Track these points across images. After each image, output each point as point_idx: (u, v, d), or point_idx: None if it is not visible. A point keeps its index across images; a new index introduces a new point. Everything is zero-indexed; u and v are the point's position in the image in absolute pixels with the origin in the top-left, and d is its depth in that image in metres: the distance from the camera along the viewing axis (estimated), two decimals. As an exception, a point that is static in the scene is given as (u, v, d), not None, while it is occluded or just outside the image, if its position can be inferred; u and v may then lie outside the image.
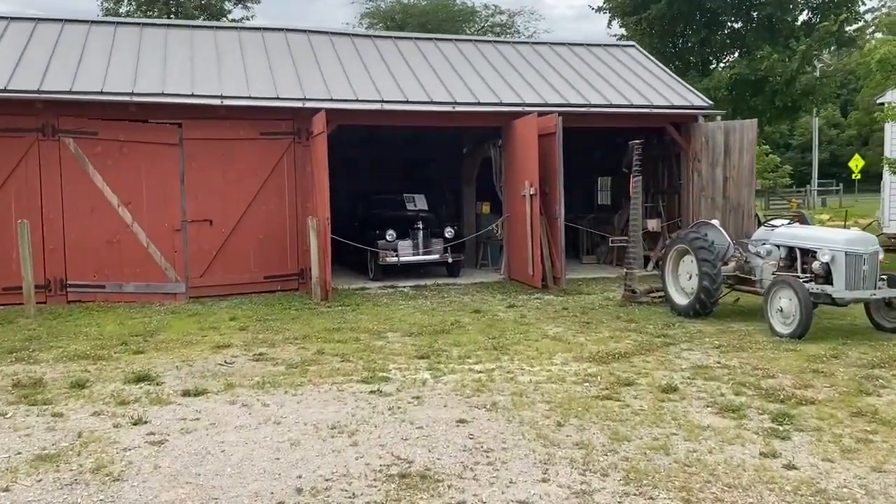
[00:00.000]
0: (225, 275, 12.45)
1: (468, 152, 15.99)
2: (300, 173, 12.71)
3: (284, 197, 12.75)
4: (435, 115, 13.16)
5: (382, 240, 13.92)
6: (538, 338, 8.77)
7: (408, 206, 15.58)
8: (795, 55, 22.62)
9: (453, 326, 9.48)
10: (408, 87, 13.54)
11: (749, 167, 13.38)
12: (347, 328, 9.45)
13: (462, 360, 7.67)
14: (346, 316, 10.36)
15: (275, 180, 12.67)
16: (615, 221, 16.85)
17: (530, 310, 10.76)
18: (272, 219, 12.68)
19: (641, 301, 11.07)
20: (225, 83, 12.72)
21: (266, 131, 12.58)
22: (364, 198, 16.05)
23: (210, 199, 12.34)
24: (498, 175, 14.24)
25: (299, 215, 12.66)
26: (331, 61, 14.19)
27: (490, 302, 11.48)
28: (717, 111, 14.92)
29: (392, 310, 10.82)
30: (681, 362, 7.53)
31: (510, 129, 13.37)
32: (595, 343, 8.46)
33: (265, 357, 7.98)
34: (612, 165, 18.23)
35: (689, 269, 10.18)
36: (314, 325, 9.73)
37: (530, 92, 14.06)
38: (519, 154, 13.01)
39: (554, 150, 12.27)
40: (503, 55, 15.66)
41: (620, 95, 14.44)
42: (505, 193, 13.94)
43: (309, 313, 10.61)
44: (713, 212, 14.13)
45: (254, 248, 12.61)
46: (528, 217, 12.51)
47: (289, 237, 12.77)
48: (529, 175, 12.43)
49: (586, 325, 9.57)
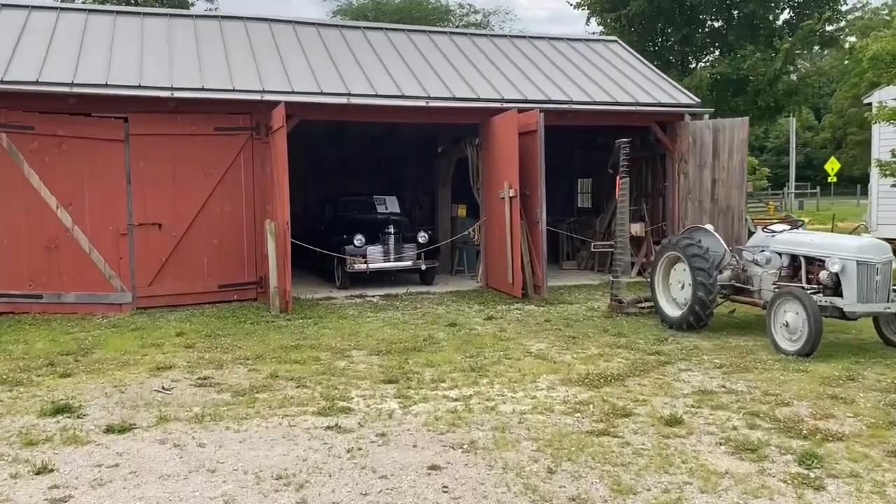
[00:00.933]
0: (176, 283, 11.39)
1: (443, 152, 15.08)
2: (259, 172, 11.69)
3: (242, 198, 11.72)
4: (407, 111, 12.22)
5: (350, 245, 12.95)
6: (520, 356, 7.87)
7: (378, 209, 14.62)
8: (779, 54, 22.09)
9: (426, 343, 8.54)
10: (378, 81, 12.59)
11: (740, 168, 12.63)
12: (307, 346, 8.46)
13: (435, 385, 6.74)
14: (306, 330, 9.37)
15: (231, 180, 11.63)
16: (596, 225, 16.05)
17: (510, 322, 9.86)
18: (228, 222, 11.64)
19: (629, 312, 10.24)
20: (176, 74, 11.66)
21: (221, 126, 11.54)
22: (331, 200, 15.06)
23: (159, 201, 11.27)
24: (475, 176, 13.34)
25: (258, 218, 11.64)
26: (294, 52, 13.19)
27: (466, 313, 10.57)
28: (705, 110, 14.18)
29: (359, 323, 9.85)
30: (681, 386, 6.67)
31: (488, 127, 12.48)
32: (583, 362, 7.58)
33: (210, 382, 6.97)
34: (592, 167, 17.51)
35: (681, 278, 9.36)
36: (270, 341, 8.73)
37: (509, 87, 13.19)
38: (498, 153, 12.12)
39: (535, 149, 11.40)
40: (480, 49, 14.77)
41: (604, 92, 13.63)
42: (482, 195, 13.05)
43: (265, 327, 9.60)
44: (701, 216, 13.37)
45: (208, 254, 11.56)
46: (508, 221, 11.62)
47: (246, 242, 11.74)
48: (509, 176, 11.54)
49: (572, 340, 8.69)
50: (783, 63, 21.95)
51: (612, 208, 15.98)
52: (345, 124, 15.87)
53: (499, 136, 12.05)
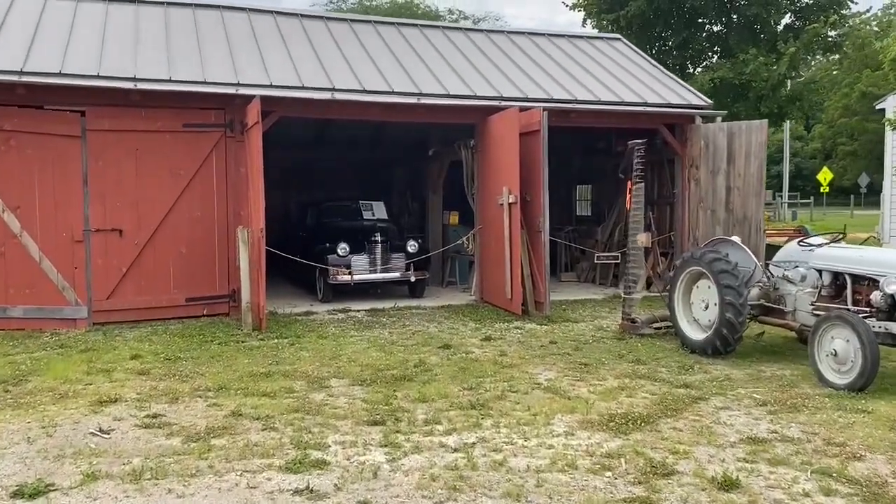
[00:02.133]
0: (138, 297, 10.21)
1: (434, 154, 14.00)
2: (233, 174, 10.54)
3: (213, 202, 10.56)
4: (396, 108, 11.13)
5: (333, 254, 11.82)
6: (527, 388, 6.77)
7: (364, 216, 13.50)
8: (783, 58, 21.22)
9: (417, 370, 7.43)
10: (365, 75, 11.50)
11: (758, 175, 11.63)
12: (280, 373, 7.32)
13: (430, 428, 5.62)
14: (281, 353, 8.23)
15: (201, 182, 10.48)
16: (598, 235, 15.02)
17: (511, 344, 8.77)
18: (198, 229, 10.48)
19: (644, 333, 9.18)
20: (141, 64, 10.51)
21: (191, 123, 10.39)
22: (313, 205, 13.92)
23: (120, 205, 10.10)
24: (469, 180, 12.26)
25: (231, 225, 10.48)
26: (274, 44, 12.07)
27: (461, 333, 9.46)
28: (717, 112, 13.20)
29: (341, 344, 8.72)
30: (724, 431, 5.59)
31: (485, 127, 11.41)
32: (602, 397, 6.49)
33: (160, 421, 5.82)
34: (592, 172, 16.50)
35: (704, 297, 8.31)
36: (238, 366, 7.58)
37: (508, 85, 12.14)
38: (496, 156, 11.05)
39: (538, 150, 10.34)
40: (476, 44, 13.73)
41: (609, 91, 12.61)
42: (478, 202, 11.97)
43: (234, 349, 8.44)
44: (714, 226, 12.36)
45: (174, 263, 10.39)
46: (507, 230, 10.54)
47: (218, 251, 10.58)
48: (508, 180, 10.47)
49: (584, 367, 7.60)
50: (788, 68, 21.06)
51: (615, 216, 14.97)
52: (329, 124, 14.80)
53: (497, 137, 10.99)
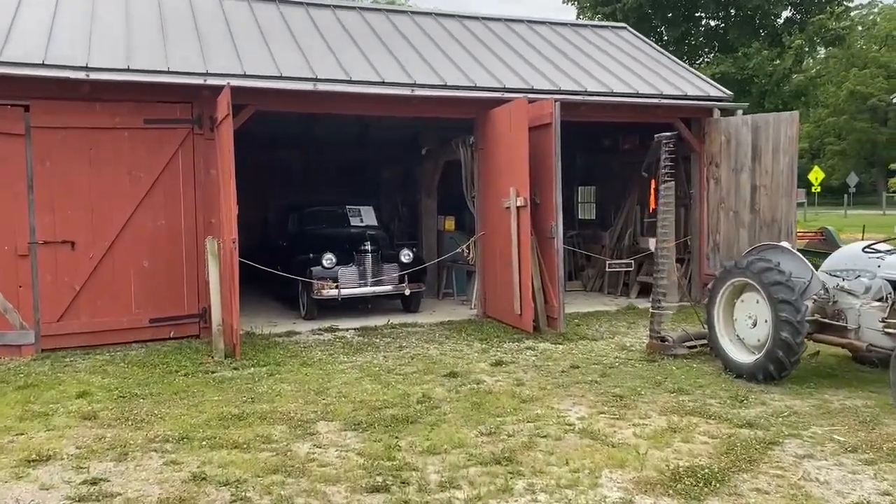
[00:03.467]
0: (94, 318, 8.89)
1: (428, 154, 12.78)
2: (203, 177, 9.27)
3: (180, 209, 9.27)
4: (387, 101, 9.90)
5: (318, 266, 10.55)
6: (558, 431, 5.56)
7: (352, 222, 12.23)
8: (789, 51, 20.25)
9: (422, 407, 6.20)
10: (351, 65, 10.27)
11: (788, 172, 10.52)
12: (256, 414, 6.06)
13: (447, 495, 4.39)
14: (258, 386, 6.96)
15: (166, 186, 9.19)
16: (605, 240, 13.87)
17: (527, 370, 7.55)
18: (163, 240, 9.19)
19: (676, 353, 8.01)
20: (95, 50, 9.21)
21: (153, 118, 9.10)
22: (295, 211, 12.64)
23: (72, 213, 8.80)
24: (469, 182, 11.05)
25: (201, 234, 9.20)
26: (249, 31, 10.80)
27: (467, 356, 8.23)
28: (738, 104, 12.10)
29: (328, 373, 7.46)
30: (822, 493, 4.41)
31: (487, 121, 10.21)
32: (653, 442, 5.29)
33: (100, 490, 4.55)
34: (596, 172, 15.35)
35: (752, 312, 7.15)
36: (205, 406, 6.31)
37: (510, 75, 10.96)
38: (500, 153, 9.85)
39: (550, 146, 9.15)
40: (472, 32, 12.53)
41: (621, 82, 11.46)
42: (479, 205, 10.76)
43: (203, 381, 7.16)
44: (737, 229, 11.25)
45: (136, 280, 9.08)
46: (515, 236, 9.33)
47: (186, 265, 9.29)
48: (516, 180, 9.27)
49: (619, 400, 6.41)
50: (794, 61, 20.10)
51: (623, 220, 13.85)
52: (312, 120, 13.56)
53: (502, 133, 9.79)
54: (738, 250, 11.23)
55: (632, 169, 14.09)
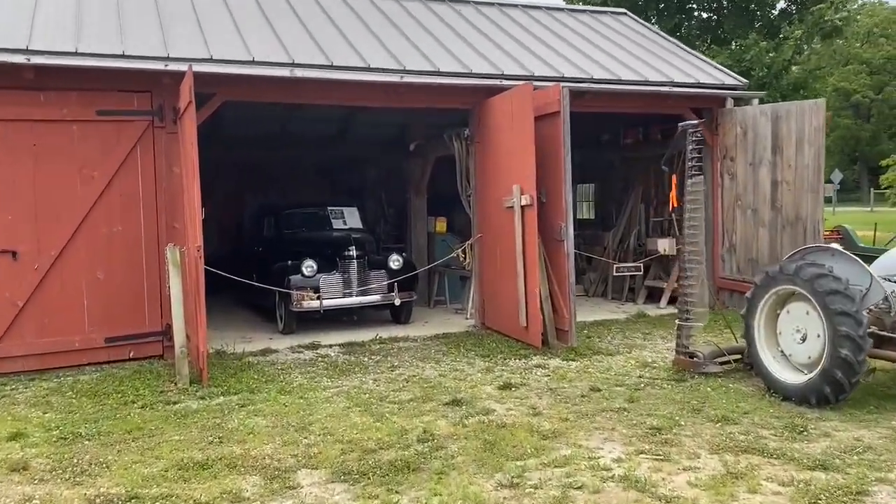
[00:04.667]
0: (40, 339, 7.76)
1: (418, 149, 11.73)
2: (166, 176, 8.16)
3: (139, 213, 8.16)
4: (374, 90, 8.85)
5: (297, 274, 9.48)
6: (595, 480, 4.54)
7: (334, 225, 11.14)
8: (787, 42, 19.46)
9: (424, 448, 5.16)
10: (333, 49, 9.21)
11: (814, 166, 9.59)
12: (224, 460, 4.98)
13: (469, 583, 3.37)
14: (227, 421, 5.88)
15: (123, 187, 8.07)
16: (607, 241, 12.91)
17: (541, 394, 6.54)
18: (119, 248, 8.07)
19: (708, 371, 7.04)
20: (39, 32, 8.07)
21: (108, 110, 7.97)
22: (271, 213, 11.54)
23: (13, 218, 7.67)
24: (464, 179, 10.02)
25: (164, 241, 8.09)
26: (216, 11, 9.69)
27: (469, 377, 7.21)
28: (755, 93, 11.22)
29: (310, 402, 6.39)
30: (949, 568, 3.44)
31: (484, 112, 9.21)
32: (714, 494, 4.29)
33: (11, 582, 3.47)
34: (595, 169, 14.39)
35: (799, 325, 6.21)
36: (163, 450, 5.22)
37: (509, 61, 9.95)
38: (500, 146, 8.83)
39: (557, 137, 8.17)
40: (464, 17, 11.50)
41: (628, 69, 10.50)
42: (475, 204, 9.74)
43: (163, 416, 6.06)
44: (756, 228, 10.33)
45: (89, 294, 7.96)
46: (519, 239, 8.32)
47: (147, 276, 8.18)
48: (520, 176, 8.27)
49: (657, 434, 5.41)
50: (793, 53, 19.31)
51: (626, 220, 12.90)
52: (290, 114, 12.50)
53: (502, 123, 8.78)
54: (758, 251, 10.33)
55: (634, 164, 13.19)
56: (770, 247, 10.16)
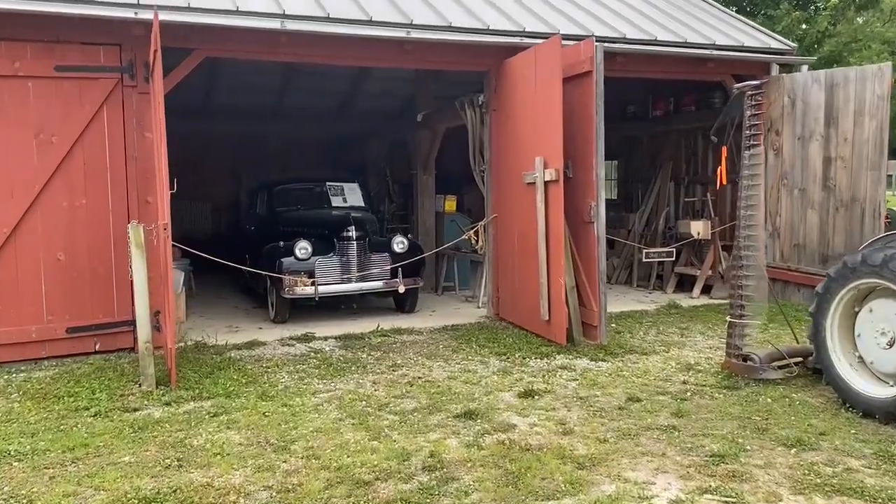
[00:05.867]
0: (-11, 328, 6.77)
1: (426, 120, 10.60)
2: (137, 142, 7.10)
3: (106, 184, 7.10)
4: (376, 47, 7.74)
5: (289, 257, 8.43)
6: (651, 532, 3.51)
7: (333, 202, 10.08)
8: (823, 13, 18.14)
9: (431, 479, 4.13)
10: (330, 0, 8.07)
11: (876, 140, 8.44)
12: (179, 493, 3.96)
13: None
14: (193, 435, 4.85)
15: (88, 154, 7.02)
16: (632, 223, 11.81)
17: (570, 405, 5.49)
18: (84, 224, 7.03)
19: (766, 378, 5.98)
20: (-13, -26, 6.97)
21: (68, 65, 6.90)
22: (264, 189, 10.48)
23: (-42, 189, 6.65)
24: (477, 152, 8.91)
25: (136, 217, 7.05)
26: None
27: (484, 379, 6.16)
28: (804, 58, 10.03)
29: (296, 412, 5.36)
30: None
31: (502, 74, 8.10)
32: (812, 559, 3.26)
33: None
34: (619, 144, 13.23)
35: (885, 327, 5.14)
36: (107, 476, 4.20)
37: (530, 18, 8.80)
38: (523, 113, 7.72)
39: (589, 102, 7.04)
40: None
41: (665, 30, 9.34)
42: (490, 180, 8.64)
43: (117, 428, 5.03)
44: (804, 210, 9.21)
45: (49, 277, 6.94)
46: (542, 219, 7.23)
47: (116, 257, 7.14)
48: (544, 147, 7.17)
49: (719, 462, 4.35)
50: (830, 22, 18.01)
51: (653, 199, 11.80)
52: (287, 82, 11.46)
53: (524, 86, 7.66)
54: (805, 236, 9.21)
55: (663, 139, 12.08)
56: (820, 231, 9.05)
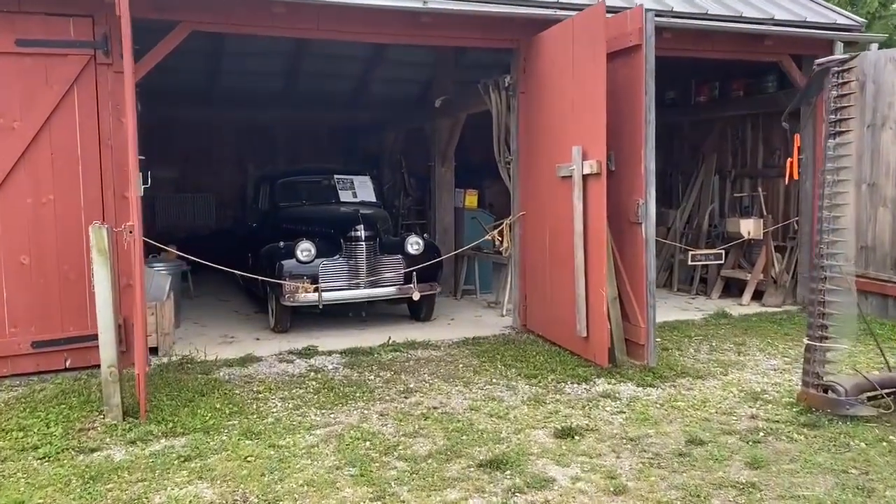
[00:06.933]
0: (-59, 343, 5.89)
1: (444, 106, 9.58)
2: (114, 129, 6.17)
3: (77, 177, 6.18)
4: (387, 19, 6.75)
5: (290, 259, 7.48)
6: None
7: (341, 197, 9.11)
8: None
9: (447, 566, 3.16)
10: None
11: (964, 128, 7.36)
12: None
13: None
14: (155, 490, 3.91)
15: (56, 143, 6.10)
16: (672, 220, 10.73)
17: (619, 450, 4.49)
18: (51, 223, 6.13)
19: (854, 414, 4.93)
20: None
21: (31, 38, 5.98)
22: (266, 182, 9.54)
23: None
24: (502, 140, 7.89)
25: (112, 214, 6.15)
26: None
27: (511, 411, 5.17)
28: (874, 35, 8.90)
29: (284, 456, 4.40)
30: None
31: (534, 51, 7.07)
32: None
33: None
34: (657, 135, 12.10)
35: None
36: (29, 557, 3.28)
37: (562, -12, 7.75)
38: (558, 94, 6.69)
39: (637, 80, 6.00)
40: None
41: (717, 3, 8.24)
42: (517, 173, 7.62)
43: (63, 478, 4.10)
44: (873, 208, 8.11)
45: (11, 284, 6.04)
46: (580, 219, 6.21)
47: (89, 261, 6.20)
48: (584, 135, 6.15)
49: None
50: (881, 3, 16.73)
51: (696, 195, 10.71)
52: (296, 66, 10.53)
53: (559, 64, 6.63)
54: (874, 237, 8.11)
55: (707, 128, 10.96)
56: (892, 231, 7.94)
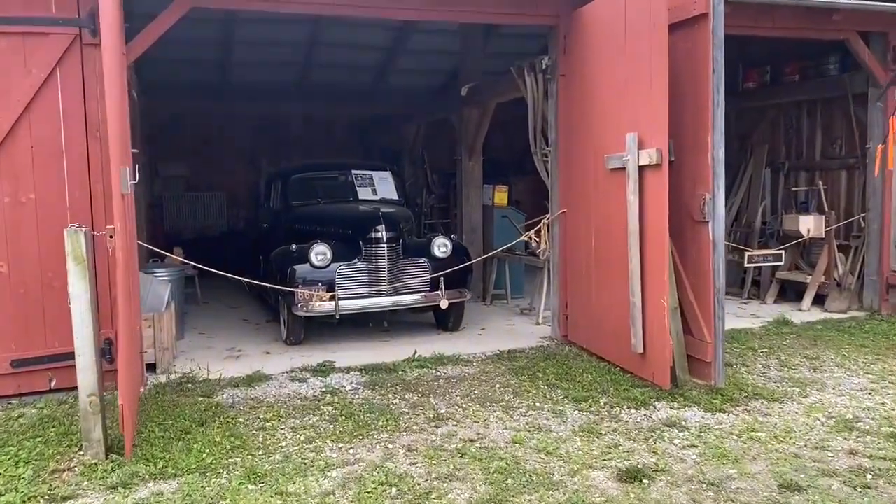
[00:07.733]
0: None
1: (472, 94, 8.76)
2: (101, 116, 5.43)
3: (62, 174, 5.46)
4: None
5: (304, 264, 6.72)
6: None
7: (360, 195, 8.32)
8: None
9: None
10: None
11: None
12: None
13: None
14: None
15: (36, 135, 5.38)
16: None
17: (698, 497, 3.67)
18: (32, 226, 5.41)
19: (980, 451, 4.07)
20: None
21: (6, 16, 5.25)
22: (279, 179, 8.79)
23: None
24: (538, 130, 7.06)
25: (101, 215, 5.42)
26: None
27: (563, 445, 4.36)
28: (954, 8, 7.93)
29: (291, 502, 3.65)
30: None
31: (576, 27, 6.25)
32: None
33: None
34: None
35: None
36: None
37: (606, -43, 6.90)
38: (608, 75, 5.85)
39: (703, 56, 5.14)
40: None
41: (777, -27, 7.36)
42: (556, 166, 6.79)
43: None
44: (957, 202, 7.20)
45: (-15, 295, 5.35)
46: (635, 216, 5.38)
47: (74, 268, 5.50)
48: (641, 119, 5.31)
49: None
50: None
51: (745, 189, 9.84)
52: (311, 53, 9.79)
53: (608, 40, 5.80)
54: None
55: (757, 116, 10.07)
56: None
